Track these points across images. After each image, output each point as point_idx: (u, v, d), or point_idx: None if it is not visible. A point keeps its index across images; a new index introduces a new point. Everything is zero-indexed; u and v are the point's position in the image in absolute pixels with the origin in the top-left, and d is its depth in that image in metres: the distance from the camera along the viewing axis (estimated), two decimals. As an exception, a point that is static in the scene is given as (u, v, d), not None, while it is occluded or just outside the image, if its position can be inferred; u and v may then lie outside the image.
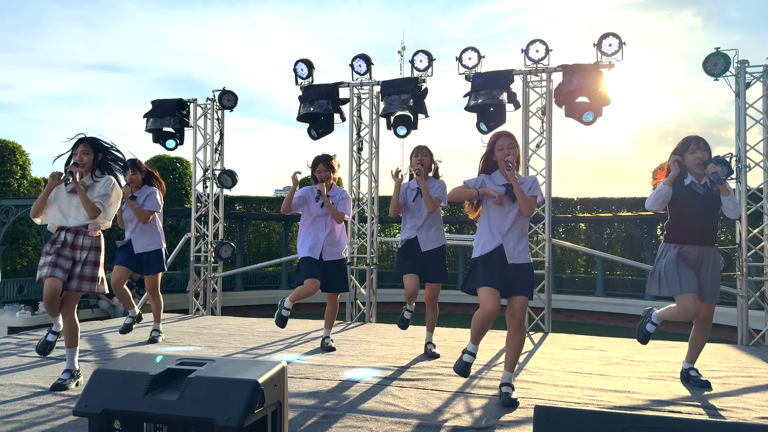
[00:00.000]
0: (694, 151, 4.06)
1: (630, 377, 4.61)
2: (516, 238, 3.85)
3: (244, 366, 2.40)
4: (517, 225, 3.85)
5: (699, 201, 4.06)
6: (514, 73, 7.52)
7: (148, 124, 8.89)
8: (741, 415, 3.65)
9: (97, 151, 4.21)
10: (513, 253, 3.83)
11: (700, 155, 4.04)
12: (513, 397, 3.75)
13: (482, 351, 5.68)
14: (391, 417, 3.41)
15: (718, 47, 6.88)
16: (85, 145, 4.17)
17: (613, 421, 1.94)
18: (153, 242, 5.74)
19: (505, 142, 3.87)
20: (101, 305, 15.00)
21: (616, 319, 18.09)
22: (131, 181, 5.52)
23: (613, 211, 21.90)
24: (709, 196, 4.07)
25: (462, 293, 4.40)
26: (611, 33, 7.17)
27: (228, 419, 2.10)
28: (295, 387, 4.07)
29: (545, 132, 7.59)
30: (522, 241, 3.87)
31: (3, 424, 3.21)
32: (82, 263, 4.09)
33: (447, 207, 6.45)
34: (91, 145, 4.19)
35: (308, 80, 8.51)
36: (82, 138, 4.16)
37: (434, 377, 4.48)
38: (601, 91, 7.11)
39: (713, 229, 4.16)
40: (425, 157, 4.99)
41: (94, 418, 2.23)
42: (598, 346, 6.10)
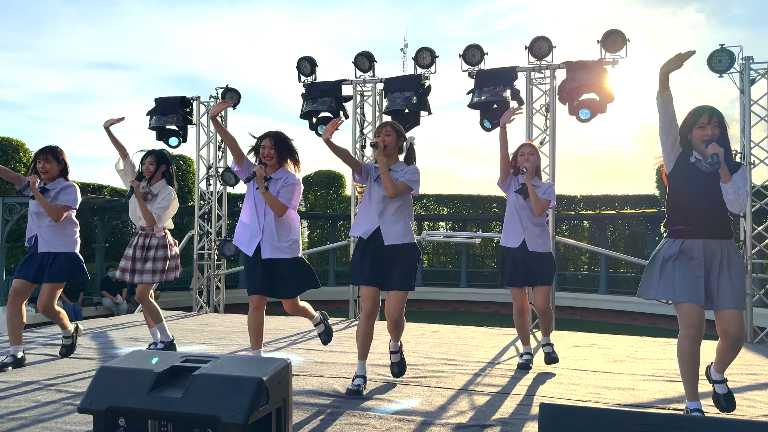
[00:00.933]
0: (704, 126, 3.27)
1: (634, 375, 4.61)
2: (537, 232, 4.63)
3: (249, 363, 2.41)
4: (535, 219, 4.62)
5: (704, 182, 3.23)
6: (517, 70, 7.51)
7: (152, 122, 8.90)
8: (746, 412, 3.65)
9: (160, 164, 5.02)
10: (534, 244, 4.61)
11: (710, 132, 3.25)
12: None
13: (485, 349, 5.68)
14: (395, 414, 3.41)
15: (723, 44, 6.86)
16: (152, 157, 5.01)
17: (618, 418, 1.93)
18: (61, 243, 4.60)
19: (526, 150, 4.67)
20: (104, 303, 15.04)
21: (619, 317, 18.06)
22: (44, 171, 4.58)
23: (616, 208, 21.86)
24: (716, 178, 3.22)
25: (464, 291, 4.61)
26: (615, 30, 7.15)
27: (233, 416, 2.10)
28: (299, 384, 4.07)
29: (549, 129, 7.57)
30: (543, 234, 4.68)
31: (8, 420, 3.21)
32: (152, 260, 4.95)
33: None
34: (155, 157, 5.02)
35: (311, 78, 8.51)
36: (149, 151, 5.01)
37: (438, 374, 4.48)
38: (605, 88, 7.09)
39: (724, 218, 3.29)
40: (388, 136, 4.02)
41: (99, 415, 2.23)
42: (601, 344, 6.09)
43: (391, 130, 4.04)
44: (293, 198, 4.20)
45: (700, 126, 3.27)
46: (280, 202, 4.11)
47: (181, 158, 21.01)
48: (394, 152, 4.06)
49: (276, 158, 4.19)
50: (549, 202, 4.61)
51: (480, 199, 24.09)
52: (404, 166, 4.04)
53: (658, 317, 16.93)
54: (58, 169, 4.64)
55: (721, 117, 3.29)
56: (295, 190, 4.21)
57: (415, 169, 4.02)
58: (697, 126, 3.28)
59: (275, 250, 4.18)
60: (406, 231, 3.98)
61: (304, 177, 24.86)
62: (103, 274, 16.01)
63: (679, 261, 3.25)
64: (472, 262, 22.83)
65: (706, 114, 3.28)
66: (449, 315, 18.99)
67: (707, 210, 3.25)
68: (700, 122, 3.27)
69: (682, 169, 3.30)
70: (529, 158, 4.60)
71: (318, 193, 23.97)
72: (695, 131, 3.28)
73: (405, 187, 3.92)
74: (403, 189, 3.92)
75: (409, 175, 3.96)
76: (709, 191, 3.23)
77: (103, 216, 17.16)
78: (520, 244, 4.62)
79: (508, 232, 4.71)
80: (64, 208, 4.56)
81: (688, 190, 3.29)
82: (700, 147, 3.26)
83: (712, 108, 3.29)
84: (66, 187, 4.61)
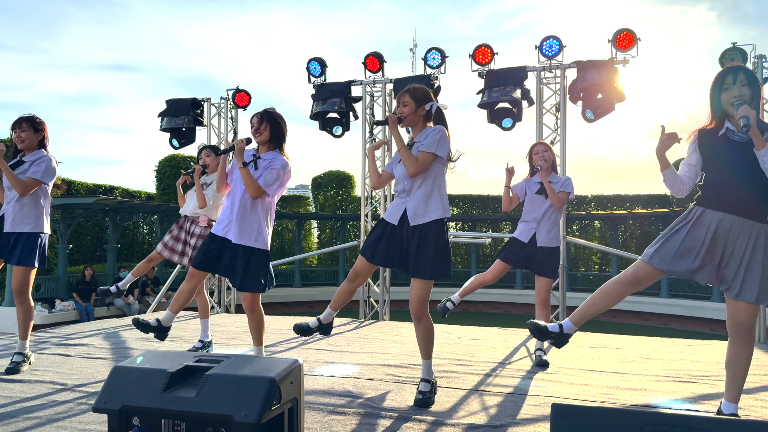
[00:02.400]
0: (729, 87, 2.91)
1: (646, 375, 4.58)
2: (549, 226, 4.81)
3: (261, 363, 2.42)
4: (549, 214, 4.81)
5: (736, 153, 2.89)
6: (527, 69, 7.49)
7: (163, 124, 8.97)
8: (759, 413, 3.62)
9: None
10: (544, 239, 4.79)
11: (737, 92, 2.89)
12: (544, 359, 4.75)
13: (496, 349, 5.67)
14: (406, 414, 3.42)
15: (735, 42, 6.81)
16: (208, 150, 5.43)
17: (631, 419, 1.93)
18: (27, 221, 4.24)
19: (540, 149, 4.84)
20: (116, 303, 15.14)
21: (631, 317, 17.96)
22: (20, 141, 4.25)
23: (627, 208, 21.75)
24: (750, 149, 2.84)
25: (476, 291, 4.65)
26: (626, 29, 7.12)
27: (245, 416, 2.12)
28: (310, 384, 4.09)
29: (559, 129, 7.55)
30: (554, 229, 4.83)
31: (23, 420, 3.25)
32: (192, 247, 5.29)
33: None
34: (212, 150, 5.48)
35: (321, 79, 8.53)
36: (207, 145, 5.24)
37: (449, 375, 4.48)
38: (616, 87, 7.06)
39: (759, 195, 2.86)
40: (405, 107, 3.51)
41: (114, 415, 2.26)
42: (613, 344, 6.06)
43: (409, 98, 3.49)
44: (274, 183, 3.79)
45: (726, 88, 2.93)
46: (256, 183, 3.74)
47: (192, 159, 21.13)
48: (419, 122, 3.52)
49: (266, 135, 3.86)
50: (568, 195, 4.80)
51: (490, 200, 24.04)
52: (426, 132, 3.48)
53: (670, 317, 16.83)
54: (36, 139, 4.29)
55: (749, 74, 2.93)
56: (277, 174, 3.78)
57: (435, 129, 3.44)
58: (723, 89, 2.94)
59: (242, 238, 3.80)
60: (435, 206, 3.46)
61: (313, 177, 25.09)
62: (115, 275, 16.11)
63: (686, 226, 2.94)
64: (482, 263, 22.78)
65: (731, 74, 2.93)
66: (459, 315, 18.97)
67: (741, 186, 2.86)
68: (725, 84, 2.94)
69: (711, 144, 2.96)
70: (543, 155, 4.78)
71: (328, 194, 24.01)
72: (723, 95, 2.94)
73: (427, 156, 3.38)
74: (424, 159, 3.38)
75: (428, 139, 3.40)
76: (743, 166, 2.86)
77: (115, 217, 17.28)
78: (529, 240, 4.85)
79: (522, 226, 4.92)
80: (33, 182, 4.18)
81: (719, 165, 2.94)
82: (731, 110, 2.90)
83: (737, 66, 2.97)
84: (38, 159, 4.23)
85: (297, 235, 22.12)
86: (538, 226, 4.82)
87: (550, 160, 4.81)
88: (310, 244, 24.80)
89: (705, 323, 15.72)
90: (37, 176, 4.20)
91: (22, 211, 4.22)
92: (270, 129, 3.89)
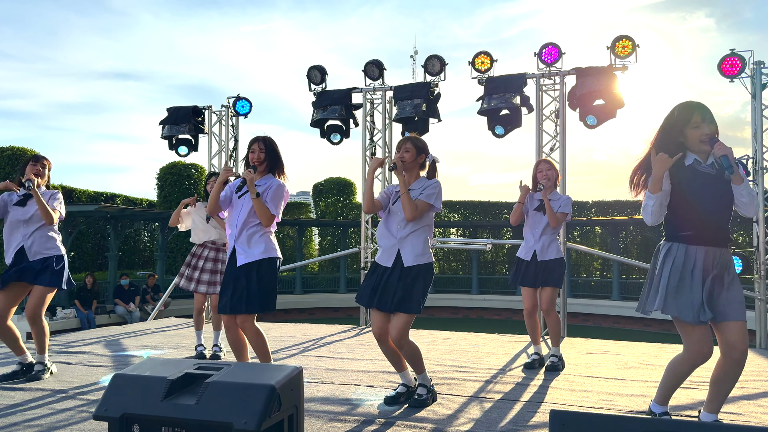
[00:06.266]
0: (698, 125, 3.00)
1: (647, 381, 4.58)
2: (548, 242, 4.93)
3: (261, 371, 2.43)
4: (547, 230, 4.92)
5: (708, 185, 3.00)
6: (527, 76, 7.52)
7: (164, 131, 9.00)
8: (759, 419, 3.62)
9: None
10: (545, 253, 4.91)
11: (707, 131, 2.99)
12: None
13: (497, 356, 5.67)
14: (407, 421, 3.42)
15: (734, 48, 6.84)
16: None
17: (631, 425, 1.93)
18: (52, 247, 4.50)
19: (544, 167, 4.99)
20: (117, 311, 15.14)
21: (632, 323, 17.92)
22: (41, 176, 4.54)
23: (628, 213, 21.73)
24: (720, 179, 3.00)
25: (475, 297, 4.64)
26: (624, 35, 7.15)
27: (245, 423, 2.13)
28: (311, 392, 4.09)
29: (559, 135, 7.57)
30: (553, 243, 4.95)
31: (24, 428, 3.26)
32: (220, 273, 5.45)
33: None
34: None
35: (321, 86, 8.57)
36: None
37: (449, 382, 4.48)
38: (615, 94, 7.08)
39: (727, 225, 3.05)
40: (407, 153, 3.79)
41: (114, 422, 2.26)
42: (614, 350, 6.06)
43: (411, 146, 3.80)
44: (280, 205, 3.91)
45: (695, 126, 3.01)
46: (269, 211, 3.84)
47: (193, 167, 21.17)
48: (415, 169, 3.83)
49: (266, 164, 3.94)
50: (565, 216, 4.93)
51: (491, 206, 24.05)
52: (424, 182, 3.79)
53: (672, 324, 16.77)
54: (45, 180, 4.57)
55: (711, 113, 3.04)
56: (282, 196, 3.90)
57: (434, 183, 3.77)
58: (691, 126, 3.02)
59: (250, 255, 3.85)
60: (425, 251, 3.74)
61: (314, 184, 25.13)
62: (116, 282, 16.12)
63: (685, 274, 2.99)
64: (484, 269, 22.77)
65: (698, 112, 3.02)
66: (460, 322, 18.95)
67: (714, 215, 2.99)
68: (693, 122, 3.02)
69: (682, 175, 3.03)
70: (547, 174, 4.93)
71: (329, 201, 24.04)
72: (689, 131, 3.02)
73: (425, 205, 3.70)
74: (423, 208, 3.69)
75: (428, 191, 3.72)
76: (715, 196, 2.99)
77: (116, 225, 17.31)
78: (531, 257, 4.98)
79: (524, 244, 5.10)
80: (56, 213, 4.45)
81: (694, 196, 3.01)
82: (698, 147, 3.02)
83: (700, 104, 3.05)
84: (54, 195, 4.54)
85: (298, 241, 22.12)
86: (537, 242, 4.95)
87: (553, 178, 4.96)
88: (311, 251, 24.80)
89: (707, 329, 15.66)
90: (58, 209, 4.50)
91: (44, 239, 4.45)
92: (267, 156, 3.95)
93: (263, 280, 3.82)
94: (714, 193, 3.00)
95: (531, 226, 5.03)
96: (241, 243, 3.86)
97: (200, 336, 5.64)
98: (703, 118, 3.00)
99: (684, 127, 3.03)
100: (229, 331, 3.91)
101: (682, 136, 3.04)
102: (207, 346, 5.77)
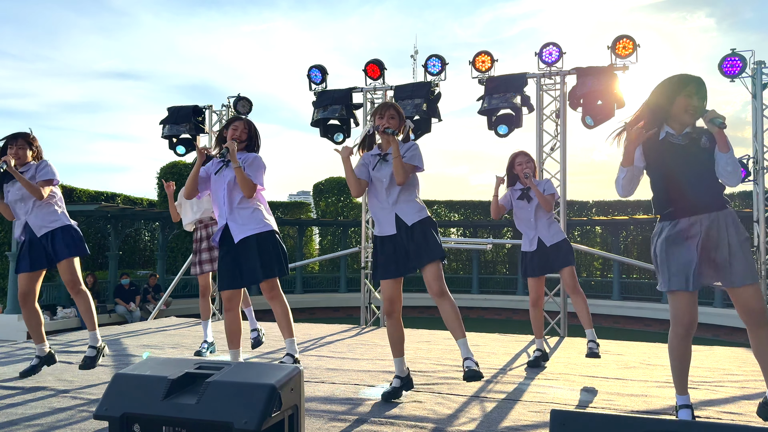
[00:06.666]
0: (690, 95, 3.01)
1: (647, 381, 4.58)
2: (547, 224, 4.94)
3: (261, 370, 2.43)
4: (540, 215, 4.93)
5: (682, 155, 3.02)
6: (527, 76, 7.52)
7: (164, 131, 9.00)
8: (760, 419, 3.61)
9: None
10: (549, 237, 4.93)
11: (696, 103, 3.01)
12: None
13: (497, 355, 5.67)
14: (407, 421, 3.42)
15: (734, 48, 6.84)
16: None
17: (631, 425, 1.93)
18: (55, 220, 4.37)
19: (523, 159, 4.95)
20: (118, 310, 15.14)
21: (632, 323, 17.93)
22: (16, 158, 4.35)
23: (629, 213, 21.73)
24: (694, 147, 3.03)
25: (476, 297, 4.65)
26: (625, 35, 7.14)
27: (246, 423, 2.12)
28: (311, 391, 4.09)
29: (559, 135, 7.57)
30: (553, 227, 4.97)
31: (24, 427, 3.26)
32: None
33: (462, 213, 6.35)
34: None
35: (322, 86, 8.57)
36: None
37: (449, 381, 4.48)
38: (616, 94, 7.08)
39: (713, 190, 3.03)
40: (392, 119, 3.85)
41: (114, 422, 2.26)
42: (614, 350, 6.06)
43: (395, 112, 3.87)
44: (259, 174, 3.92)
45: (687, 95, 3.01)
46: (250, 180, 3.85)
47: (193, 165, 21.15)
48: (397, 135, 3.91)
49: (245, 144, 4.03)
50: (553, 196, 4.93)
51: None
52: (404, 146, 3.82)
53: (672, 323, 16.77)
54: (31, 156, 4.42)
55: (707, 91, 3.05)
56: (261, 165, 3.95)
57: (413, 145, 3.83)
58: (683, 94, 3.01)
59: (244, 229, 3.86)
60: (421, 208, 3.81)
61: (315, 184, 25.11)
62: (116, 282, 16.12)
63: (675, 245, 3.01)
64: (484, 269, 22.77)
65: (694, 83, 3.02)
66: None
67: (690, 184, 3.00)
68: (687, 90, 3.01)
69: (654, 149, 3.06)
70: (527, 165, 4.94)
71: (329, 200, 24.04)
72: (680, 99, 3.01)
73: (410, 167, 3.76)
74: (410, 171, 3.77)
75: (410, 153, 3.77)
76: (688, 165, 3.01)
77: (117, 224, 17.31)
78: (537, 246, 4.96)
79: (524, 238, 5.07)
80: (46, 183, 4.32)
81: (668, 170, 3.05)
82: (680, 116, 3.03)
83: (699, 78, 3.04)
84: (41, 165, 4.38)
85: (298, 241, 22.13)
86: (537, 230, 4.94)
87: (533, 169, 4.98)
88: (312, 251, 24.80)
89: (707, 329, 15.67)
90: (47, 177, 4.33)
91: (46, 214, 4.34)
92: (249, 136, 4.08)
93: (269, 250, 3.85)
94: (686, 162, 3.02)
95: (521, 218, 5.02)
96: (233, 220, 3.87)
97: (207, 328, 5.59)
98: (697, 90, 3.01)
99: (676, 95, 3.03)
100: (228, 313, 3.90)
101: (670, 104, 3.04)
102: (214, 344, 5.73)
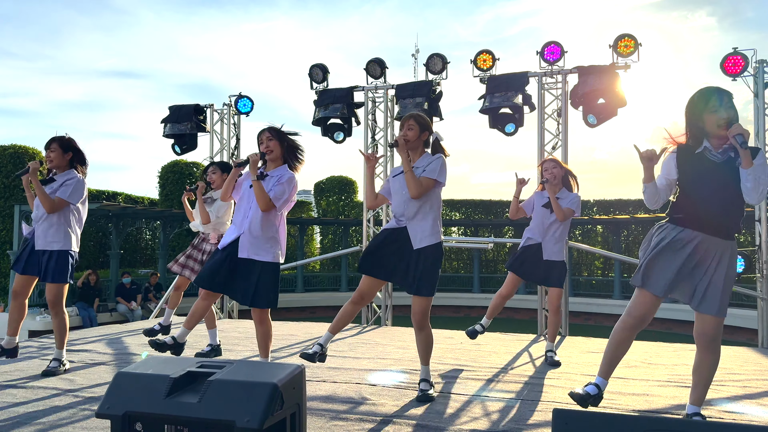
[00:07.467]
0: (716, 110, 2.96)
1: (649, 380, 4.58)
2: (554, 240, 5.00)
3: (263, 369, 2.43)
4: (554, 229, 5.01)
5: (712, 173, 2.97)
6: (529, 75, 7.51)
7: (166, 130, 9.00)
8: (762, 418, 3.61)
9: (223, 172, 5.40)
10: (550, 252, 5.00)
11: (724, 115, 2.94)
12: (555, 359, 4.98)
13: (498, 354, 5.67)
14: (408, 420, 3.42)
15: (736, 47, 6.82)
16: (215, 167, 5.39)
17: (633, 424, 1.93)
18: (57, 240, 4.36)
19: (549, 165, 5.05)
20: (119, 309, 15.15)
21: (633, 322, 17.90)
22: (49, 160, 4.41)
23: (630, 212, 21.72)
24: (729, 168, 2.95)
25: (477, 296, 4.70)
26: (627, 34, 7.14)
27: (248, 421, 2.13)
28: (313, 390, 4.09)
29: (561, 134, 7.56)
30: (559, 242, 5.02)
31: (26, 426, 3.26)
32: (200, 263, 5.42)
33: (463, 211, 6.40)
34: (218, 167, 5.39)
35: (323, 84, 8.57)
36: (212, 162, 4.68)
37: (451, 380, 4.48)
38: (617, 92, 7.08)
39: (732, 217, 2.99)
40: (410, 130, 3.80)
41: (117, 420, 2.27)
42: (615, 349, 6.04)
43: (414, 123, 3.78)
44: (283, 197, 3.80)
45: (712, 110, 2.98)
46: (267, 196, 3.75)
47: (194, 165, 21.17)
48: (419, 147, 3.81)
49: (277, 153, 3.89)
50: (572, 212, 4.98)
51: (492, 204, 24.04)
52: (428, 159, 3.75)
53: (673, 322, 16.77)
54: (66, 159, 4.42)
55: (731, 97, 3.01)
56: (287, 189, 3.81)
57: (437, 157, 3.72)
58: (709, 110, 2.99)
59: (252, 252, 3.81)
60: (434, 230, 3.70)
61: (316, 183, 25.12)
62: (117, 280, 16.14)
63: (668, 248, 3.03)
64: (485, 268, 22.76)
65: (715, 97, 2.99)
66: (462, 320, 18.94)
67: (710, 203, 2.96)
68: (710, 106, 2.99)
69: (689, 162, 3.03)
70: (552, 172, 5.00)
71: (330, 199, 24.04)
72: (707, 116, 2.99)
73: (429, 181, 3.66)
74: (427, 184, 3.66)
75: (431, 166, 3.67)
76: (714, 183, 2.96)
77: (118, 223, 17.32)
78: (535, 249, 5.03)
79: (526, 236, 5.12)
80: (60, 202, 4.31)
81: (692, 181, 3.02)
82: (715, 132, 2.98)
83: (720, 89, 3.02)
84: (68, 180, 4.37)
85: (299, 240, 22.13)
86: (544, 240, 5.01)
87: (559, 175, 5.00)
88: (313, 250, 24.81)
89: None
90: (64, 196, 4.34)
91: (51, 230, 4.35)
92: (279, 146, 3.92)
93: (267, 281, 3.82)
94: (713, 180, 2.97)
95: (537, 224, 5.05)
96: (248, 236, 3.81)
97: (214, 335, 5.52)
98: (720, 103, 2.97)
99: (702, 113, 3.01)
100: (204, 300, 3.92)
101: (701, 122, 3.02)
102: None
